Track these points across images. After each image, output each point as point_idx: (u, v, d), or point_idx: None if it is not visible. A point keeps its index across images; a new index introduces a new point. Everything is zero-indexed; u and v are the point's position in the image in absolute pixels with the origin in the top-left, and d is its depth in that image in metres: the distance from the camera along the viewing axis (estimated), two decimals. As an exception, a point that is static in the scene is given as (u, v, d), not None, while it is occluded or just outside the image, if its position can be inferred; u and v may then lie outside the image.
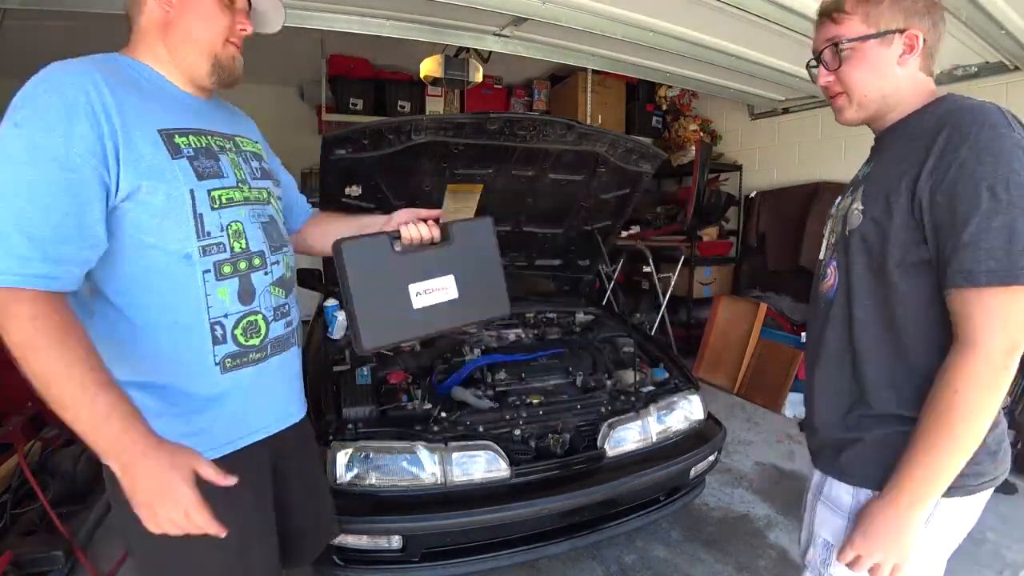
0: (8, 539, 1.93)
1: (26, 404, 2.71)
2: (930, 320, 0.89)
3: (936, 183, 0.84)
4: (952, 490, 0.88)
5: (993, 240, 0.79)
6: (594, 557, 2.11)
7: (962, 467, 0.84)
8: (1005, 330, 0.80)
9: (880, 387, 0.94)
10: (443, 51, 3.59)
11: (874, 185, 0.95)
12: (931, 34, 0.94)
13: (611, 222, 2.73)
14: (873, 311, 0.94)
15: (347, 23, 2.57)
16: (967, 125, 0.83)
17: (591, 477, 1.73)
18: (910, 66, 0.94)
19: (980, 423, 0.82)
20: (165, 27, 0.99)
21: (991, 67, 2.99)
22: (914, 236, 0.87)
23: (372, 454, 1.61)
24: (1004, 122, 0.83)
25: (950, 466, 0.84)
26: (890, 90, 0.95)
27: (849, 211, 0.98)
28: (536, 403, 1.87)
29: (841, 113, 1.01)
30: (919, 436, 0.85)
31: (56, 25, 3.92)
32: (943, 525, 0.94)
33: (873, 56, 0.94)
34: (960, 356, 0.83)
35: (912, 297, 0.90)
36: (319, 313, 2.44)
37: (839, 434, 0.99)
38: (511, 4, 2.29)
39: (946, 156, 0.83)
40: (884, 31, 0.92)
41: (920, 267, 0.88)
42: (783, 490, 2.62)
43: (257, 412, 1.08)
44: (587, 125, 2.17)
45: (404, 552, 1.59)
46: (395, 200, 2.21)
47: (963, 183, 0.81)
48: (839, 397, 0.99)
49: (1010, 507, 2.51)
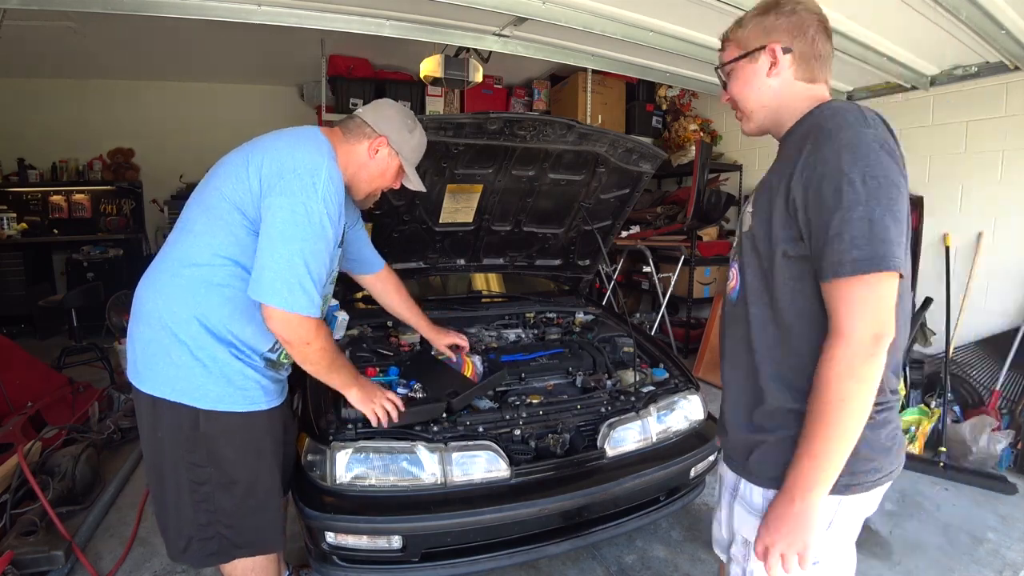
0: (8, 539, 1.92)
1: (26, 404, 2.71)
2: (813, 315, 0.93)
3: (806, 181, 0.90)
4: (853, 487, 0.94)
5: (854, 231, 0.84)
6: (594, 557, 2.11)
7: (848, 455, 0.88)
8: (869, 317, 0.84)
9: (776, 383, 0.98)
10: (443, 51, 3.59)
11: (762, 189, 1.02)
12: (798, 44, 1.01)
13: (611, 222, 2.73)
14: (767, 309, 1.00)
15: (347, 23, 2.57)
16: (829, 126, 0.91)
17: (591, 477, 1.72)
18: (783, 76, 1.03)
19: (854, 410, 0.86)
20: (362, 165, 1.47)
21: (991, 67, 2.99)
22: (793, 234, 0.93)
23: (372, 454, 1.61)
24: (863, 120, 0.90)
25: (834, 455, 0.88)
26: (768, 100, 1.05)
27: (744, 215, 1.08)
28: (536, 403, 1.87)
29: (742, 126, 1.12)
30: (804, 429, 0.90)
31: (56, 25, 3.93)
32: (847, 521, 0.99)
33: (746, 73, 1.06)
34: (830, 346, 0.87)
35: (797, 293, 0.95)
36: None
37: (746, 435, 1.04)
38: (511, 4, 2.29)
39: (812, 156, 0.90)
40: (750, 51, 1.04)
41: (801, 263, 0.93)
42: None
43: (274, 390, 1.47)
44: (587, 125, 2.17)
45: (404, 552, 1.59)
46: (395, 200, 2.21)
47: (827, 180, 0.87)
48: (744, 397, 1.05)
49: (1010, 507, 2.51)
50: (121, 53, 4.73)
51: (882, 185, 0.85)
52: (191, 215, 1.35)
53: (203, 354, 1.30)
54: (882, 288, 0.85)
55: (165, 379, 1.30)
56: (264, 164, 1.26)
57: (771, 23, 1.02)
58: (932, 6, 2.25)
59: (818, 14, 1.02)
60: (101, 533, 2.22)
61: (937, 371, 3.22)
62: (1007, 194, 3.11)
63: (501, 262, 2.78)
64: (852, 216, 0.84)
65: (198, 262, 1.30)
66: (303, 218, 1.22)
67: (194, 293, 1.29)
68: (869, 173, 0.85)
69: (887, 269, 0.84)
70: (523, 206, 2.48)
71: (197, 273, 1.29)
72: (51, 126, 5.51)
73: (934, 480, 2.74)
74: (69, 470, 2.24)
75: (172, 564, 2.02)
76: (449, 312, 2.55)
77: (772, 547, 0.92)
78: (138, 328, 1.34)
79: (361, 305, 2.63)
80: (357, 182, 1.49)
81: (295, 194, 1.22)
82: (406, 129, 1.49)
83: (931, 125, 3.41)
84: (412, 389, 1.79)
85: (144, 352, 1.33)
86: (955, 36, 2.60)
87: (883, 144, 0.88)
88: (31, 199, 5.68)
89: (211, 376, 1.31)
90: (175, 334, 1.29)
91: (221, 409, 1.32)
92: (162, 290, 1.32)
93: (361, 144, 1.45)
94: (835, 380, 0.85)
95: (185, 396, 1.30)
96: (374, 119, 1.46)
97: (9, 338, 3.25)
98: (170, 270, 1.32)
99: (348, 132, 1.46)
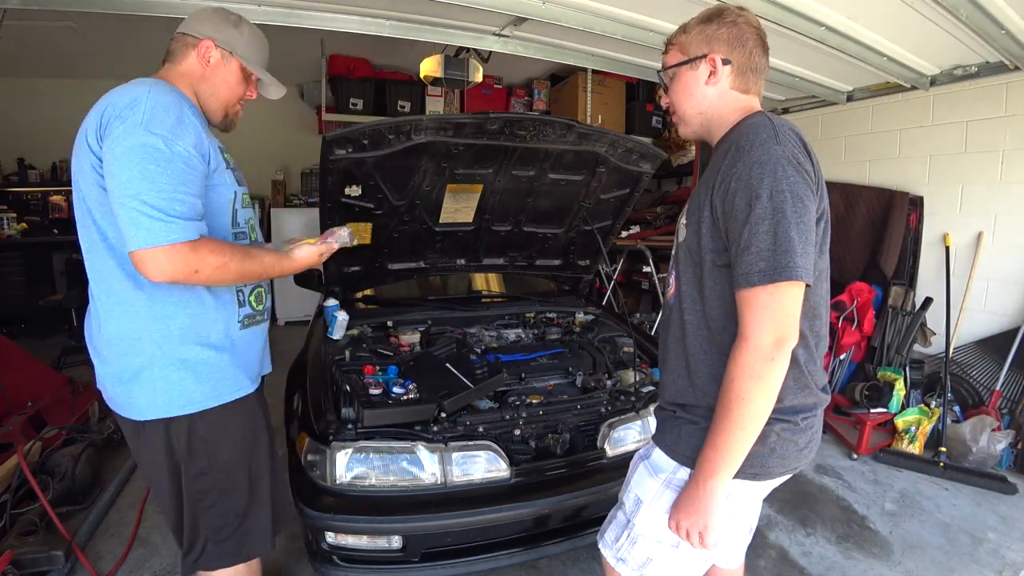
0: (8, 539, 1.92)
1: (26, 404, 2.71)
2: (736, 320, 0.98)
3: (723, 194, 0.97)
4: (761, 475, 1.05)
5: (761, 243, 0.91)
6: (594, 557, 2.10)
7: (749, 447, 0.96)
8: (771, 324, 0.91)
9: (706, 382, 1.05)
10: (443, 51, 3.59)
11: (693, 200, 1.08)
12: (736, 55, 1.06)
13: (611, 222, 2.73)
14: (700, 315, 1.06)
15: (347, 23, 2.57)
16: (743, 142, 0.97)
17: (591, 477, 1.72)
18: (720, 85, 1.08)
19: (754, 409, 0.94)
20: (201, 79, 1.31)
21: (991, 67, 2.99)
22: (719, 244, 1.00)
23: (372, 454, 1.61)
24: (774, 137, 0.96)
25: (735, 446, 0.96)
26: (704, 107, 1.10)
27: (679, 225, 1.14)
28: (536, 403, 1.87)
29: (677, 129, 1.18)
30: (711, 424, 0.99)
31: (56, 25, 3.92)
32: (744, 498, 1.10)
33: (685, 79, 1.10)
34: (736, 349, 0.95)
35: (726, 299, 1.01)
36: (319, 313, 2.44)
37: (677, 420, 1.12)
38: (511, 4, 2.29)
39: (728, 170, 0.97)
40: (692, 57, 1.09)
41: (727, 271, 1.00)
42: (782, 490, 2.59)
43: (259, 361, 1.44)
44: (587, 125, 2.17)
45: (404, 552, 1.59)
46: (395, 200, 2.21)
47: (739, 195, 0.94)
48: (681, 395, 1.11)
49: (1010, 507, 2.51)
50: (121, 53, 4.73)
51: (788, 200, 0.91)
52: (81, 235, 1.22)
53: (172, 359, 1.22)
54: (785, 297, 0.91)
55: (148, 401, 1.23)
56: (89, 129, 1.13)
57: (713, 32, 1.06)
58: (932, 6, 2.25)
59: (757, 27, 1.08)
60: (101, 533, 2.22)
61: (937, 371, 3.22)
62: (1007, 194, 3.11)
63: (501, 262, 2.78)
64: (759, 229, 0.91)
65: (106, 279, 1.20)
66: (136, 154, 1.07)
67: (134, 310, 1.20)
68: (776, 188, 0.91)
69: (790, 279, 0.90)
70: (523, 206, 2.48)
71: (119, 290, 1.20)
72: (51, 126, 5.50)
73: (934, 480, 2.74)
74: (69, 470, 2.24)
75: (172, 564, 2.02)
76: (449, 312, 2.55)
77: (680, 523, 1.04)
78: (101, 360, 1.28)
79: (361, 305, 2.64)
80: (205, 101, 1.32)
81: (120, 138, 1.08)
82: (228, 24, 1.32)
83: (931, 125, 3.41)
84: (407, 389, 1.80)
85: (118, 381, 1.25)
86: (955, 36, 2.60)
87: (791, 160, 0.94)
88: (31, 199, 5.68)
89: (191, 377, 1.24)
90: (140, 353, 1.21)
91: (211, 406, 1.27)
92: (108, 317, 1.23)
93: (190, 57, 1.30)
94: (738, 380, 0.93)
95: (172, 408, 1.24)
96: (189, 26, 1.30)
97: (9, 338, 3.24)
98: (99, 297, 1.24)
99: (173, 55, 1.31)
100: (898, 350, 3.33)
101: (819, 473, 2.82)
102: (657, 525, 1.10)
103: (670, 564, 1.13)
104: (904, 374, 3.19)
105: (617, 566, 1.18)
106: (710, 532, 1.01)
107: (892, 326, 3.37)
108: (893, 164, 3.61)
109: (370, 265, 2.52)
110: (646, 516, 1.13)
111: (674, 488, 1.08)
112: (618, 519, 1.21)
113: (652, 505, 1.12)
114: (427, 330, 2.42)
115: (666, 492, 1.10)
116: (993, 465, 2.77)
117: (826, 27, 2.45)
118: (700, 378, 1.06)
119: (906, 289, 3.42)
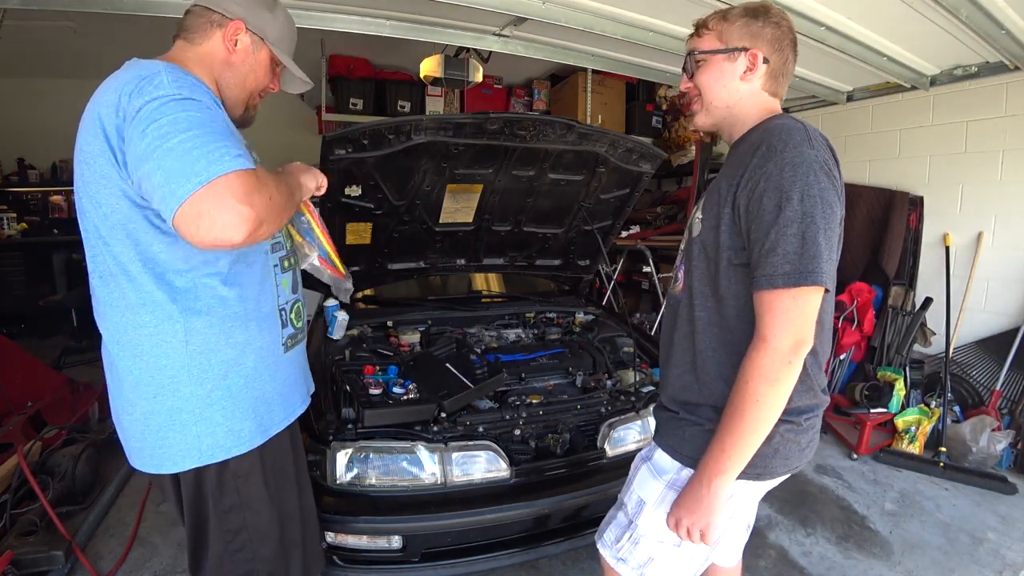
0: (8, 539, 1.92)
1: (26, 404, 2.71)
2: (752, 319, 0.97)
3: (749, 193, 0.95)
4: (764, 476, 1.04)
5: (788, 246, 0.90)
6: (594, 557, 2.09)
7: (756, 448, 0.96)
8: (792, 327, 0.91)
9: (713, 380, 1.05)
10: (443, 51, 3.59)
11: (711, 195, 1.06)
12: (775, 57, 1.06)
13: (611, 222, 2.73)
14: (713, 313, 1.05)
15: (347, 23, 2.57)
16: (776, 142, 0.95)
17: (591, 477, 1.72)
18: (753, 83, 1.06)
19: (767, 411, 0.93)
20: (225, 65, 1.13)
21: (991, 67, 2.99)
22: (738, 242, 0.99)
23: (372, 454, 1.61)
24: (808, 141, 0.94)
25: (744, 448, 0.95)
26: (733, 101, 1.08)
27: (693, 219, 1.11)
28: (536, 403, 1.87)
29: (694, 118, 1.14)
30: (721, 423, 0.98)
31: (56, 25, 3.92)
32: (745, 498, 1.11)
33: (720, 68, 1.07)
34: (753, 350, 0.94)
35: (741, 298, 1.00)
36: (319, 313, 2.44)
37: (681, 419, 1.11)
38: (511, 4, 2.29)
39: (758, 169, 0.95)
40: (731, 48, 1.05)
41: (744, 270, 0.99)
42: (782, 490, 2.59)
43: (305, 383, 1.32)
44: (587, 125, 2.17)
45: (404, 552, 1.59)
46: (395, 200, 2.21)
47: (768, 195, 0.92)
48: (686, 392, 1.10)
49: (1010, 507, 2.51)
50: (121, 53, 4.70)
51: (818, 205, 0.91)
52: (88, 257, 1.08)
53: (213, 396, 1.06)
54: (807, 302, 0.92)
55: (183, 449, 1.06)
56: (105, 118, 0.94)
57: (758, 29, 1.04)
58: (932, 6, 2.25)
59: (794, 33, 1.08)
60: (101, 533, 2.22)
61: (937, 371, 3.22)
62: (1007, 194, 3.11)
63: (501, 262, 2.78)
64: (787, 232, 0.90)
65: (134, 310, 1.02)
66: (175, 101, 0.90)
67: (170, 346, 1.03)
68: (807, 192, 0.91)
69: (813, 284, 0.90)
70: (523, 206, 2.48)
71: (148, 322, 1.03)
72: (51, 126, 5.46)
73: (934, 480, 2.74)
74: (69, 470, 2.24)
75: (172, 564, 2.02)
76: (449, 312, 2.55)
77: (681, 521, 1.03)
78: (125, 404, 1.09)
79: (361, 305, 2.64)
80: (226, 88, 1.13)
81: (150, 97, 0.90)
82: (262, 6, 1.15)
83: (931, 125, 3.40)
84: (407, 389, 1.80)
85: (144, 430, 1.07)
86: (955, 36, 2.60)
87: (823, 165, 0.93)
88: (31, 199, 5.67)
89: (237, 415, 1.09)
90: (174, 394, 1.05)
91: (259, 443, 1.13)
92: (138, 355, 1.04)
93: (213, 39, 1.10)
94: (753, 382, 0.92)
95: (208, 455, 1.08)
96: (218, 1, 1.10)
97: (9, 338, 3.25)
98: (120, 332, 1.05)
99: (190, 32, 1.11)
100: (898, 350, 3.33)
101: (819, 473, 2.82)
102: (661, 526, 1.10)
103: (671, 563, 1.13)
104: (904, 374, 3.19)
105: (617, 566, 1.18)
106: (711, 531, 1.01)
107: (892, 326, 3.37)
108: (893, 164, 3.61)
109: (370, 265, 2.52)
110: (650, 518, 1.12)
111: (677, 489, 1.08)
112: (619, 520, 1.20)
113: (656, 507, 1.11)
114: (427, 330, 2.42)
115: (670, 494, 1.09)
116: (993, 465, 2.77)
117: (826, 27, 2.45)
118: (707, 376, 1.05)
119: (906, 289, 3.42)
